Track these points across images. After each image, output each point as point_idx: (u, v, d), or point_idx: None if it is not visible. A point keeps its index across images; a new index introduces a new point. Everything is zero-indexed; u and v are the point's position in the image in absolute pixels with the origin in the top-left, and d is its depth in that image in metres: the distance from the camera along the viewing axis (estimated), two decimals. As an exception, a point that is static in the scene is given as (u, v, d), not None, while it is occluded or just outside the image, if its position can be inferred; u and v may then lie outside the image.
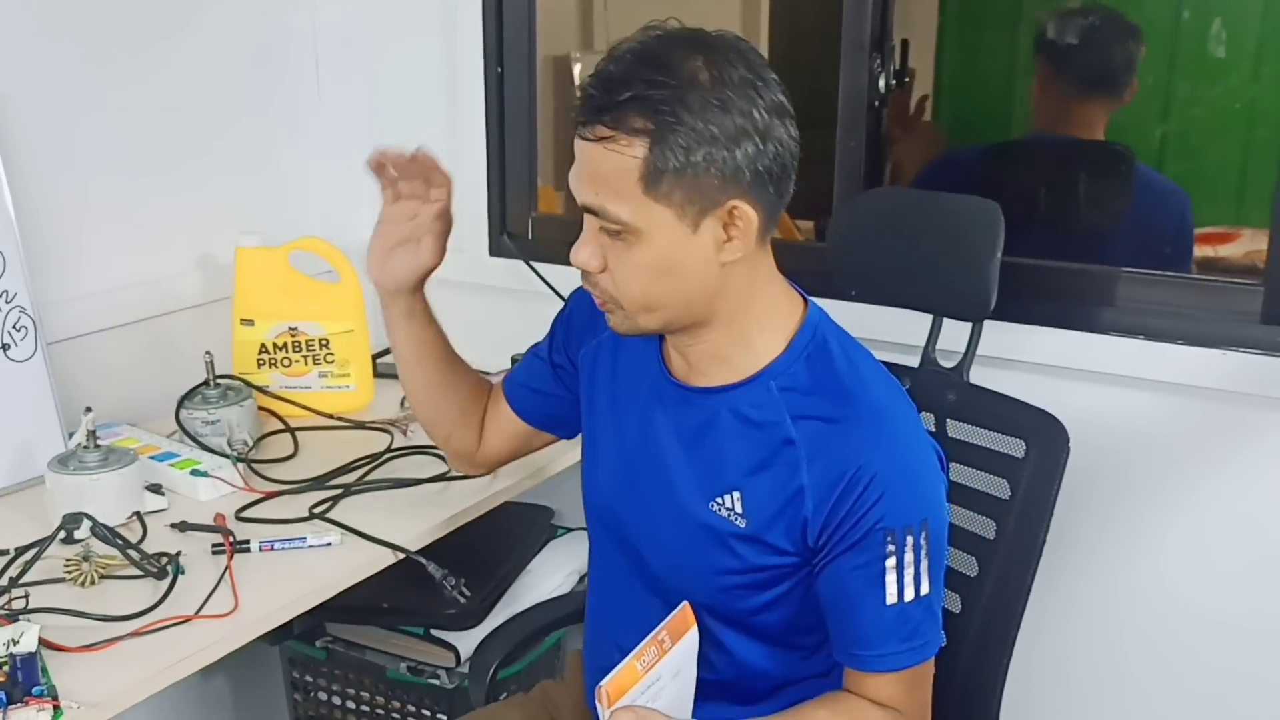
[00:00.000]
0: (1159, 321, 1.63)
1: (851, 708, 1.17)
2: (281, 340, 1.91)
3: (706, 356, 1.21)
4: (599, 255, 1.14)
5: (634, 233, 1.10)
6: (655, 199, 1.09)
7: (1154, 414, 1.63)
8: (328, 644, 1.87)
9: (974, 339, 1.51)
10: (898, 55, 1.83)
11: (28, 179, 1.68)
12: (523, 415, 1.46)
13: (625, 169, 1.08)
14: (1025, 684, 1.46)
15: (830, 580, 1.16)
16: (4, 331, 1.62)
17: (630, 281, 1.14)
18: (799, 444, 1.15)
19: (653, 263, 1.12)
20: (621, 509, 1.30)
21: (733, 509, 1.19)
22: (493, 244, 2.15)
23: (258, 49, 2.07)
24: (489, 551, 1.82)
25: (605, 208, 1.10)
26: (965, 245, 1.45)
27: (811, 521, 1.14)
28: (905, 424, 1.17)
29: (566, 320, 1.42)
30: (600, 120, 1.08)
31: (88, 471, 1.47)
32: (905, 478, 1.14)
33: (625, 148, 1.07)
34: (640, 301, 1.15)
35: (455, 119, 2.13)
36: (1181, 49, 1.81)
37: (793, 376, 1.18)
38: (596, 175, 1.10)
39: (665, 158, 1.07)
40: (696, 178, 1.08)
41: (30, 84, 1.71)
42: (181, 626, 1.28)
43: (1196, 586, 1.65)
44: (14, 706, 1.10)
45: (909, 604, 1.14)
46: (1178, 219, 1.81)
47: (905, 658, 1.16)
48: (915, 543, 1.12)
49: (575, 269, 1.20)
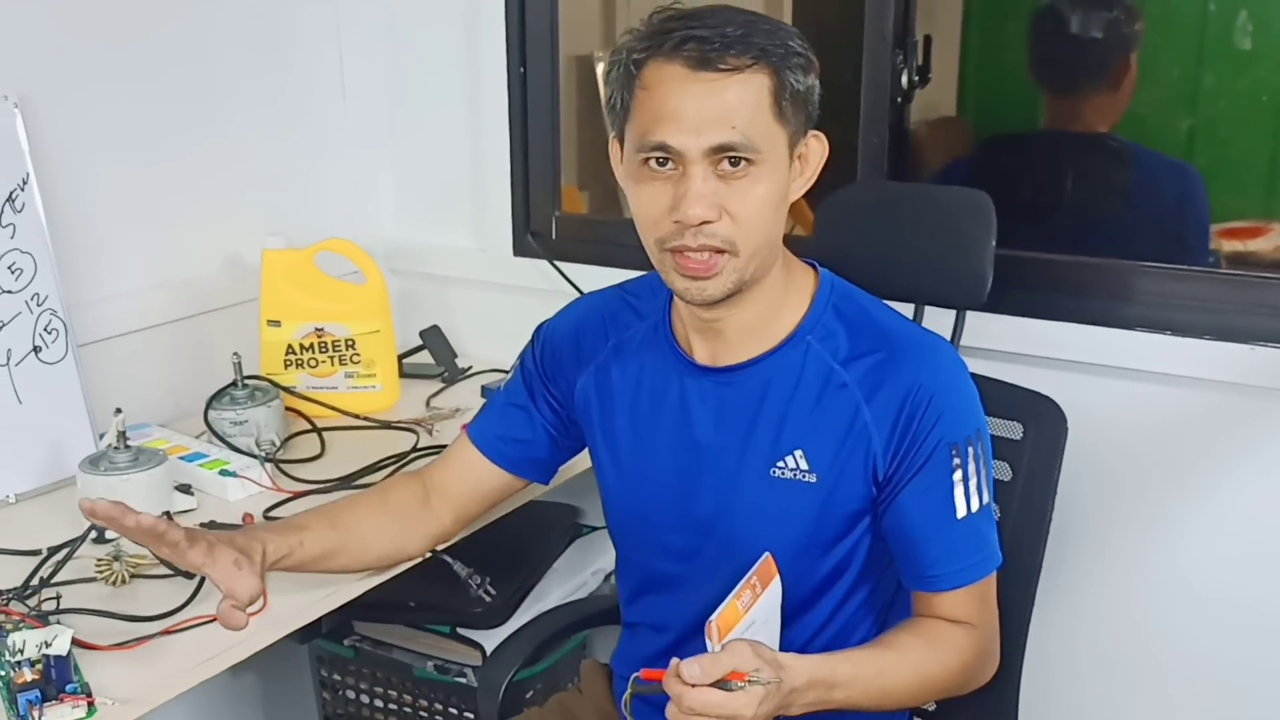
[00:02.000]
0: (1185, 316, 1.62)
1: (930, 627, 1.22)
2: (308, 341, 1.93)
3: (749, 326, 1.24)
4: (716, 205, 1.14)
5: (763, 163, 1.14)
6: (781, 124, 1.14)
7: (1174, 407, 1.62)
8: (355, 643, 1.88)
9: (959, 326, 1.54)
10: (920, 50, 1.82)
11: (57, 183, 1.70)
12: (505, 466, 1.43)
13: (757, 96, 1.12)
14: (1043, 668, 1.46)
15: (900, 510, 1.21)
16: (35, 334, 1.64)
17: (759, 217, 1.16)
18: (853, 385, 1.20)
19: (773, 194, 1.16)
20: (666, 518, 1.30)
21: (798, 468, 1.22)
22: (517, 243, 2.16)
23: (282, 51, 2.08)
24: (514, 550, 1.82)
25: (748, 137, 1.12)
26: (957, 235, 1.47)
27: (881, 455, 1.20)
28: (941, 345, 1.25)
29: (545, 359, 1.40)
30: (729, 52, 1.11)
31: (118, 472, 1.49)
32: (957, 392, 1.21)
33: (750, 79, 1.12)
34: (763, 240, 1.17)
35: (479, 119, 2.14)
36: (1208, 41, 1.79)
37: (826, 327, 1.23)
38: (726, 109, 1.12)
39: (788, 82, 1.14)
40: (805, 104, 1.16)
41: (57, 88, 1.72)
42: (211, 625, 1.28)
43: (1222, 579, 1.64)
44: (49, 703, 1.11)
45: (975, 514, 1.20)
46: (1182, 195, 1.81)
47: (979, 569, 1.22)
48: (975, 452, 1.20)
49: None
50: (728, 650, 1.04)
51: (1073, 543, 1.66)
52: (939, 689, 1.23)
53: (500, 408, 1.44)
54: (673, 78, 1.12)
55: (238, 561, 1.18)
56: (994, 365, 1.54)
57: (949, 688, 1.23)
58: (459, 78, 2.15)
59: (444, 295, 2.23)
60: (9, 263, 1.61)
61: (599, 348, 1.35)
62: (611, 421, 1.34)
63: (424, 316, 2.13)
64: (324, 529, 1.34)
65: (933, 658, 1.19)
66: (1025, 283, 1.66)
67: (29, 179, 1.63)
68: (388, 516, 1.41)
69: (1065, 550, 1.65)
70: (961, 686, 1.24)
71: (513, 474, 1.44)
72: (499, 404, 1.44)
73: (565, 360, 1.38)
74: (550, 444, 1.42)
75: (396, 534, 1.41)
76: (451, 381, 2.06)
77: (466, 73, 2.14)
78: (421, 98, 2.20)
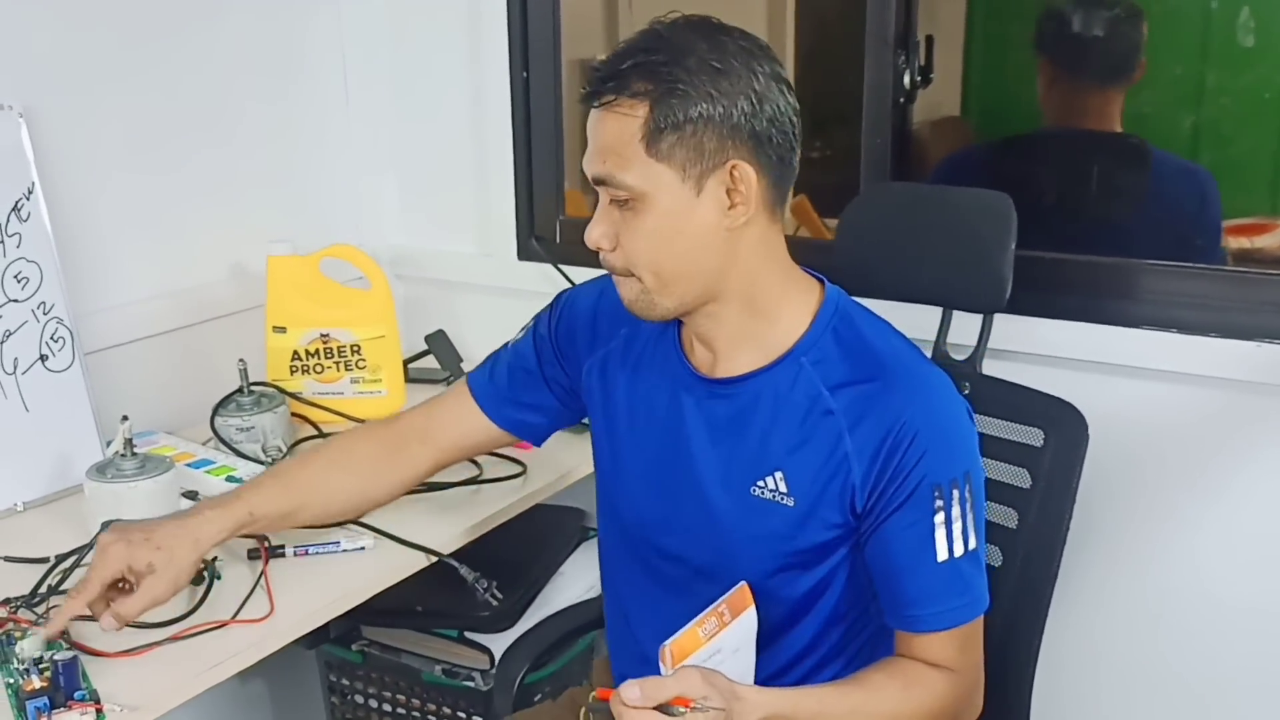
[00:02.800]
0: (1191, 314, 1.61)
1: (907, 669, 1.19)
2: (314, 347, 1.93)
3: (733, 340, 1.22)
4: (611, 233, 1.17)
5: (640, 198, 1.13)
6: (658, 159, 1.12)
7: (1185, 406, 1.62)
8: (363, 647, 1.88)
9: (985, 331, 1.51)
10: (922, 51, 1.82)
11: (62, 192, 1.71)
12: (501, 423, 1.43)
13: (629, 132, 1.12)
14: (1057, 674, 1.45)
15: (880, 544, 1.18)
16: (42, 342, 1.64)
17: (641, 250, 1.16)
18: (838, 413, 1.17)
19: (660, 227, 1.14)
20: (653, 518, 1.30)
21: (776, 489, 1.20)
22: (521, 247, 2.16)
23: (286, 59, 2.09)
24: (521, 554, 1.83)
25: (612, 174, 1.14)
26: (977, 238, 1.45)
27: (859, 488, 1.17)
28: (937, 381, 1.20)
29: (560, 329, 1.40)
30: (604, 88, 1.13)
31: (125, 479, 1.49)
32: (945, 431, 1.17)
33: (628, 111, 1.12)
34: (653, 271, 1.17)
35: (482, 123, 2.14)
36: (1211, 38, 1.79)
37: (822, 349, 1.20)
38: (603, 144, 1.14)
39: (664, 116, 1.11)
40: (696, 134, 1.11)
41: (62, 97, 1.73)
42: (218, 631, 1.29)
43: (1231, 578, 1.63)
44: (58, 711, 1.12)
45: (959, 559, 1.16)
46: (1198, 199, 1.80)
47: (960, 614, 1.18)
48: (961, 495, 1.16)
49: (603, 271, 1.21)
50: (675, 675, 1.03)
51: (1084, 544, 1.66)
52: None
53: (505, 366, 1.44)
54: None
55: (151, 564, 1.23)
56: (1001, 366, 1.54)
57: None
58: (462, 83, 2.15)
59: (449, 300, 2.23)
60: (15, 272, 1.62)
61: (612, 335, 1.35)
62: (611, 414, 1.34)
63: (429, 321, 2.13)
64: (277, 492, 1.36)
65: (908, 701, 1.16)
66: (1033, 283, 1.65)
67: (34, 188, 1.64)
68: (350, 471, 1.42)
69: (1077, 552, 1.64)
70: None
71: (506, 431, 1.44)
72: (504, 360, 1.44)
73: (579, 337, 1.38)
74: (549, 410, 1.43)
75: (364, 486, 1.43)
76: (457, 386, 2.06)
77: (469, 78, 2.14)
78: (425, 103, 2.21)
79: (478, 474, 1.68)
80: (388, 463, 1.43)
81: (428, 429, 1.44)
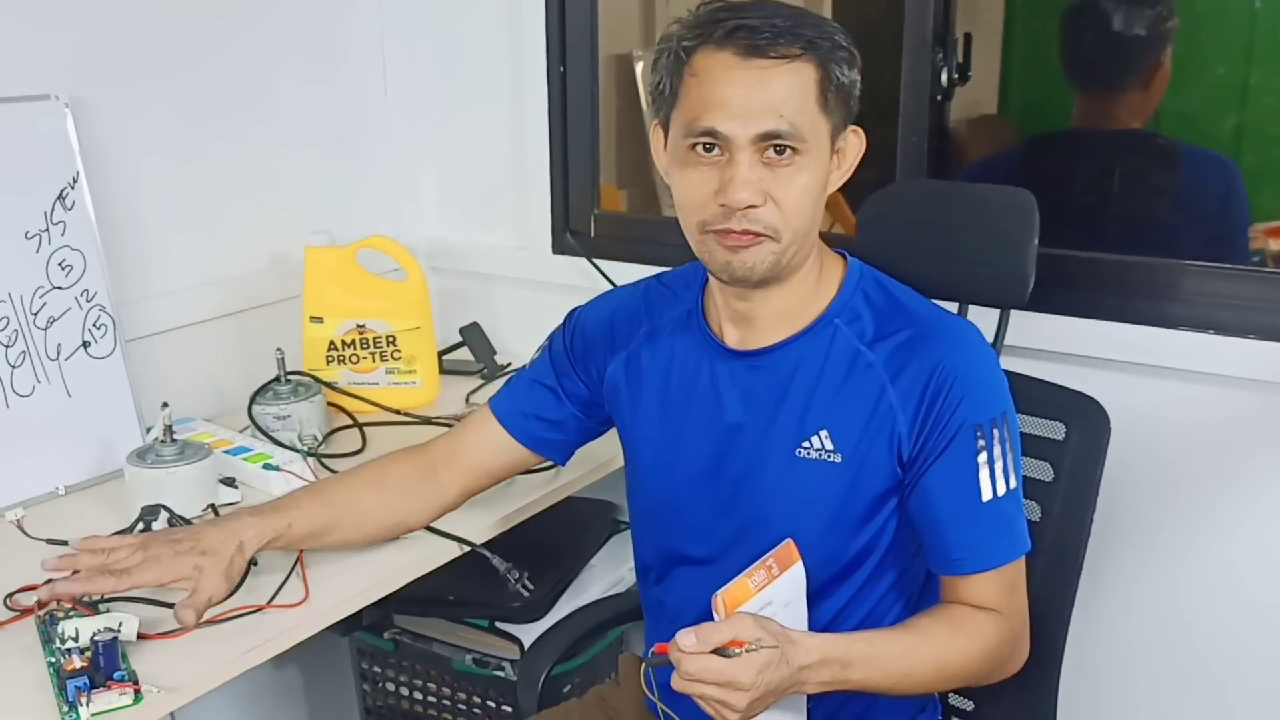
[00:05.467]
0: (1230, 315, 1.60)
1: (954, 613, 1.21)
2: (350, 337, 1.95)
3: (779, 313, 1.25)
4: (762, 191, 1.16)
5: (807, 152, 1.16)
6: (825, 115, 1.16)
7: (1219, 408, 1.60)
8: (395, 635, 1.90)
9: (1003, 325, 1.52)
10: (960, 48, 1.81)
11: (106, 182, 1.73)
12: (526, 442, 1.44)
13: (804, 86, 1.15)
14: (1085, 669, 1.44)
15: (925, 492, 1.21)
16: (85, 329, 1.67)
17: (802, 205, 1.18)
18: (877, 365, 1.21)
19: (814, 183, 1.18)
20: (694, 499, 1.31)
21: (823, 448, 1.23)
22: (556, 241, 2.17)
23: (327, 53, 2.11)
24: (553, 545, 1.84)
25: (795, 125, 1.14)
26: (999, 234, 1.46)
27: (905, 436, 1.20)
28: (969, 329, 1.25)
29: (576, 343, 1.42)
30: (778, 42, 1.13)
31: (165, 465, 1.52)
32: (982, 374, 1.21)
33: (798, 69, 1.14)
34: (803, 227, 1.19)
35: (519, 118, 2.15)
36: (1255, 38, 1.77)
37: (854, 310, 1.25)
38: (774, 98, 1.14)
39: (833, 74, 1.16)
40: (848, 98, 1.18)
41: (107, 89, 1.76)
42: (254, 616, 1.31)
43: (1266, 580, 1.61)
44: (97, 690, 1.13)
45: (1002, 498, 1.20)
46: (1218, 191, 1.79)
47: (1005, 554, 1.21)
48: (1001, 435, 1.20)
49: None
50: (729, 621, 1.05)
51: (1114, 543, 1.65)
52: (962, 675, 1.21)
53: (526, 385, 1.45)
54: (723, 65, 1.14)
55: (198, 566, 1.25)
56: (1035, 364, 1.53)
57: (972, 675, 1.22)
58: (500, 77, 2.16)
59: (484, 293, 2.24)
60: (60, 259, 1.64)
61: (632, 335, 1.37)
62: (642, 404, 1.35)
63: (464, 313, 2.15)
64: (315, 508, 1.37)
65: (955, 643, 1.19)
66: (1066, 281, 1.64)
67: (79, 178, 1.66)
68: (385, 492, 1.43)
69: (1108, 551, 1.64)
70: (987, 675, 1.23)
71: (532, 451, 1.45)
72: (524, 381, 1.45)
73: (597, 346, 1.39)
74: (573, 425, 1.44)
75: (396, 508, 1.43)
76: (490, 378, 2.07)
77: (507, 72, 2.15)
78: (463, 97, 2.22)
79: (511, 466, 1.69)
80: (419, 488, 1.44)
81: (455, 454, 1.45)
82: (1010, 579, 1.22)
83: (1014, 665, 1.25)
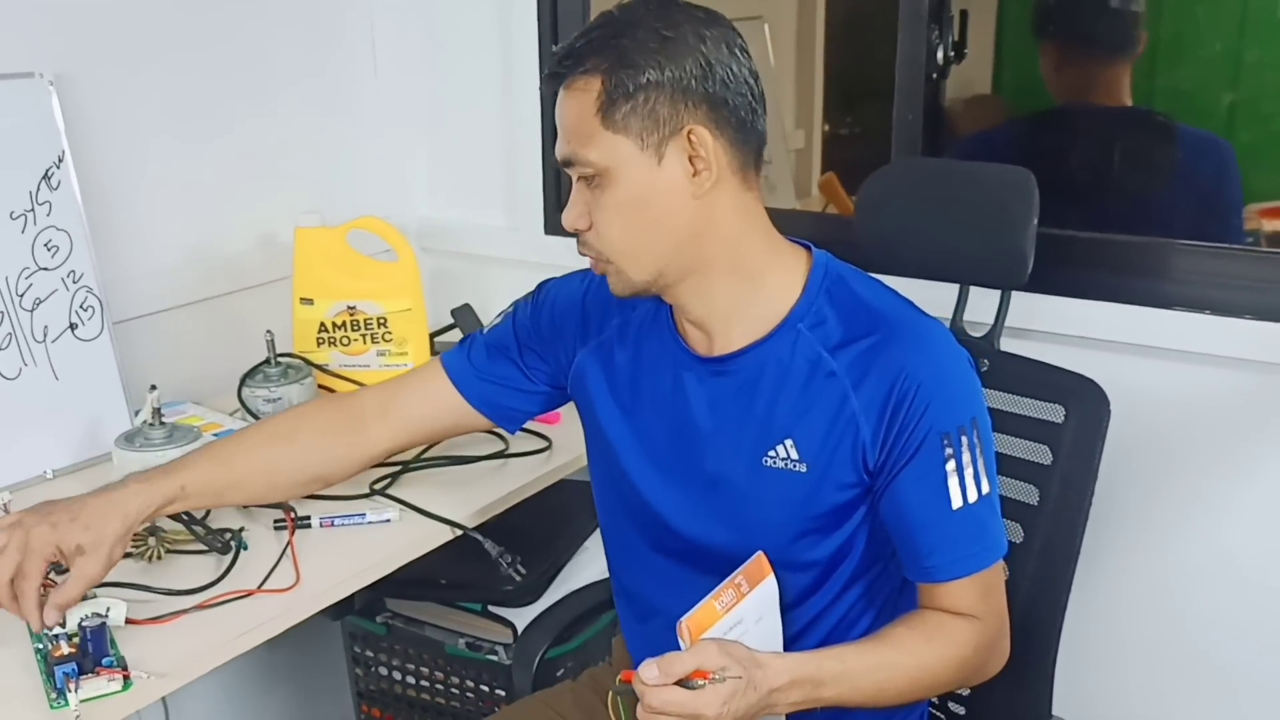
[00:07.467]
0: (1226, 295, 1.59)
1: (929, 621, 1.19)
2: (340, 319, 1.93)
3: (725, 315, 1.21)
4: (585, 214, 1.17)
5: (604, 173, 1.14)
6: (615, 131, 1.12)
7: (1216, 388, 1.60)
8: (388, 619, 1.89)
9: (1004, 307, 1.51)
10: (956, 26, 1.80)
11: (92, 161, 1.71)
12: (474, 403, 1.40)
13: (586, 108, 1.13)
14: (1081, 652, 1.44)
15: (894, 498, 1.18)
16: (71, 311, 1.65)
17: (610, 225, 1.16)
18: (840, 374, 1.17)
19: (625, 200, 1.15)
20: (667, 499, 1.28)
21: (788, 457, 1.20)
22: (548, 222, 2.16)
23: (317, 31, 2.08)
24: (545, 529, 1.83)
25: (576, 152, 1.14)
26: (999, 213, 1.44)
27: (870, 444, 1.17)
28: (935, 331, 1.20)
29: (543, 317, 1.38)
30: (560, 68, 1.14)
31: (153, 448, 1.51)
32: (948, 380, 1.17)
33: (584, 88, 1.13)
34: (623, 248, 1.17)
35: (510, 97, 2.14)
36: (1250, 14, 1.76)
37: (818, 313, 1.20)
38: (564, 125, 1.15)
39: (616, 87, 1.11)
40: (648, 102, 1.12)
41: (92, 66, 1.73)
42: (245, 600, 1.30)
43: (1261, 562, 1.62)
44: (85, 676, 1.13)
45: (974, 505, 1.16)
46: (1211, 170, 1.78)
47: (979, 559, 1.18)
48: (970, 441, 1.16)
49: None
50: (693, 650, 1.04)
51: (1110, 524, 1.65)
52: (939, 683, 1.19)
53: (484, 348, 1.41)
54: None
55: (79, 546, 1.18)
56: (1032, 345, 1.53)
57: (950, 682, 1.20)
58: (492, 57, 2.14)
59: (475, 273, 2.23)
60: (45, 240, 1.62)
61: (604, 325, 1.34)
62: (611, 403, 1.32)
63: (456, 294, 2.13)
64: (211, 468, 1.31)
65: (931, 651, 1.16)
66: (1063, 261, 1.63)
67: (64, 156, 1.64)
68: (296, 445, 1.38)
69: (1103, 532, 1.63)
70: (964, 680, 1.21)
71: (478, 412, 1.41)
72: (480, 343, 1.42)
73: (567, 326, 1.36)
74: (525, 394, 1.40)
75: (311, 462, 1.38)
76: (483, 360, 2.06)
77: (499, 52, 2.13)
78: (454, 77, 2.20)
79: (503, 448, 1.68)
80: (339, 439, 1.39)
81: (388, 407, 1.40)
82: (986, 583, 1.19)
83: (993, 668, 1.23)
